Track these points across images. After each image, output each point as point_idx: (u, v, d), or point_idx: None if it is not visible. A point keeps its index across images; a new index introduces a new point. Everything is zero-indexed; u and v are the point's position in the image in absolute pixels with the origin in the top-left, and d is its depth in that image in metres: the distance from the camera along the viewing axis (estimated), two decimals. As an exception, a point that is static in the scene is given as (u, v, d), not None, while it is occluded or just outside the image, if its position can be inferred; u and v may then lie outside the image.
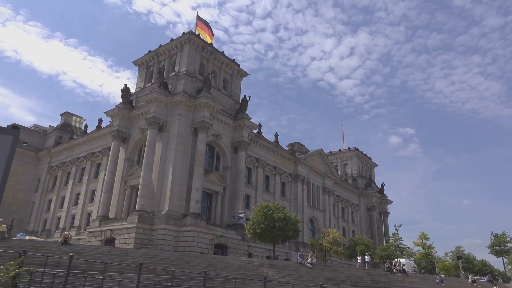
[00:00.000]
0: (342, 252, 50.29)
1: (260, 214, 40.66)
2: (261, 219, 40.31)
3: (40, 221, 76.47)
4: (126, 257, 20.96)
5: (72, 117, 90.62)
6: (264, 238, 41.02)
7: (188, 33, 61.70)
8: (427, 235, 55.85)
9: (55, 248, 21.32)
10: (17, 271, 8.99)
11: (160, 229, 48.65)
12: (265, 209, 41.15)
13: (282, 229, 39.63)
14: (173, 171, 52.13)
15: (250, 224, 41.87)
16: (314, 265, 31.03)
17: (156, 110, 54.58)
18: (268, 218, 39.80)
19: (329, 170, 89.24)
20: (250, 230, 41.81)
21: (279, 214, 40.23)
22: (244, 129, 61.67)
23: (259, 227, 40.07)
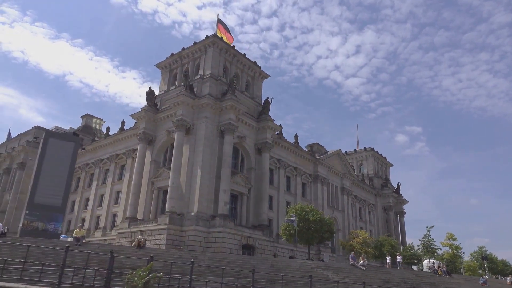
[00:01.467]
0: (372, 253, 50.79)
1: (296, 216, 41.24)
2: (297, 221, 40.93)
3: (64, 222, 77.58)
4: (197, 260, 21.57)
5: (93, 119, 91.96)
6: (300, 239, 41.65)
7: (212, 36, 62.48)
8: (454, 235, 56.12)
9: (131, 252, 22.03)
10: (150, 276, 9.64)
11: (190, 230, 49.49)
12: (299, 211, 41.75)
13: (318, 230, 40.29)
14: (201, 173, 52.95)
15: (285, 226, 42.48)
16: (366, 267, 31.67)
17: (183, 113, 55.43)
18: (303, 220, 40.46)
19: (347, 170, 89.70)
20: (285, 232, 42.46)
21: (315, 216, 40.88)
22: (267, 131, 62.33)
23: (294, 228, 40.69)
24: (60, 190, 30.94)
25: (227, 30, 69.83)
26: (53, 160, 30.64)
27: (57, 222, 31.44)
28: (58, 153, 31.03)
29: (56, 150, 31.04)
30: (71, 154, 32.42)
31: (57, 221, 31.44)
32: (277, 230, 63.68)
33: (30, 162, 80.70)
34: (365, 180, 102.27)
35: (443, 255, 57.92)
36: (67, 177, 32.21)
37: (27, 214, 29.92)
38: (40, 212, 30.30)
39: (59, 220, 31.92)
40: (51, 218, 30.65)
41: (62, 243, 23.67)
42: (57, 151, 31.08)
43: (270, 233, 57.93)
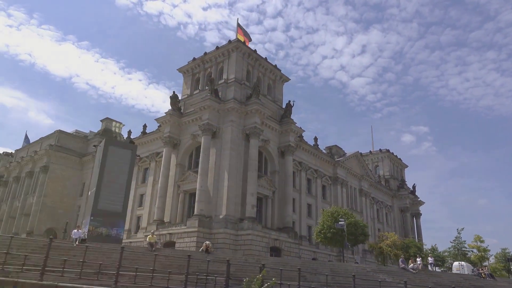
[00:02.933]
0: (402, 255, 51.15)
1: (330, 220, 41.88)
2: (331, 224, 41.53)
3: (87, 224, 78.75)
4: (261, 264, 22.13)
5: (112, 122, 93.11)
6: (335, 242, 42.24)
7: (235, 41, 63.29)
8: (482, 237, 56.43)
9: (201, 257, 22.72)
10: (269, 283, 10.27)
11: (220, 233, 50.21)
12: (334, 215, 42.33)
13: (352, 233, 40.83)
14: (228, 176, 53.71)
15: (319, 229, 43.05)
16: (416, 270, 32.17)
17: (209, 117, 56.25)
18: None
19: (365, 172, 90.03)
20: (319, 235, 43.03)
21: (349, 219, 41.43)
22: (290, 134, 62.99)
23: (330, 231, 41.28)
24: (120, 197, 31.82)
25: (245, 34, 70.66)
26: (112, 168, 31.56)
27: (119, 227, 32.30)
28: (117, 161, 31.94)
29: (115, 158, 31.95)
30: (129, 161, 33.34)
31: (119, 227, 32.30)
32: (299, 232, 64.35)
33: (53, 166, 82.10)
34: (382, 182, 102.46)
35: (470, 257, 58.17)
36: (126, 184, 33.13)
37: (92, 220, 30.83)
38: (103, 218, 31.20)
39: (121, 226, 32.79)
40: (113, 224, 31.53)
41: (139, 249, 24.42)
42: (116, 158, 32.00)
43: (295, 235, 58.54)
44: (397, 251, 49.45)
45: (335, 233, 40.93)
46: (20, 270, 13.72)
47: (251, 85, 62.76)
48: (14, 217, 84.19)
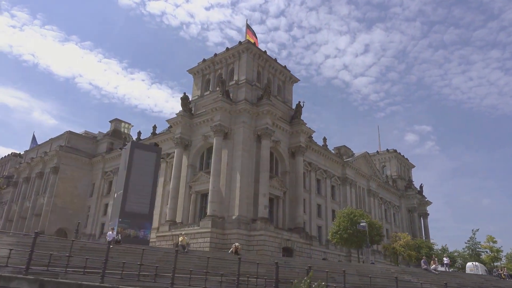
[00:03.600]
0: (415, 256, 51.40)
1: (346, 220, 42.16)
2: (347, 225, 41.79)
3: (97, 225, 79.47)
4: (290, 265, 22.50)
5: (121, 123, 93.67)
6: (350, 243, 42.51)
7: (245, 42, 63.62)
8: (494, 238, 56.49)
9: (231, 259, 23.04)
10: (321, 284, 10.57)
11: (233, 233, 50.55)
12: (350, 215, 42.59)
13: (368, 234, 41.08)
14: (240, 177, 54.04)
15: (335, 230, 43.33)
16: (439, 272, 32.40)
17: (221, 118, 56.58)
18: (354, 224, 41.29)
19: (373, 172, 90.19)
20: (335, 235, 43.31)
21: (366, 220, 41.67)
22: (301, 135, 63.27)
23: (346, 232, 41.56)
24: (146, 199, 32.24)
25: (254, 35, 70.98)
26: (138, 170, 32.00)
27: (146, 229, 32.72)
28: (143, 164, 32.39)
29: (141, 161, 32.39)
30: (154, 164, 33.75)
31: (146, 228, 32.71)
32: (310, 232, 64.62)
33: (63, 167, 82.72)
34: (389, 182, 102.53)
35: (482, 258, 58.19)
36: (152, 187, 33.56)
37: (120, 222, 31.22)
38: (131, 220, 31.61)
39: (148, 227, 33.22)
40: (140, 226, 31.93)
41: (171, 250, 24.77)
42: (142, 161, 32.45)
43: (307, 236, 58.84)
44: (410, 251, 49.68)
45: (351, 234, 41.22)
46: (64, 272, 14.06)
47: (262, 86, 63.11)
48: (24, 218, 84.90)
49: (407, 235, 53.00)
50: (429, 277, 27.50)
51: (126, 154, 34.13)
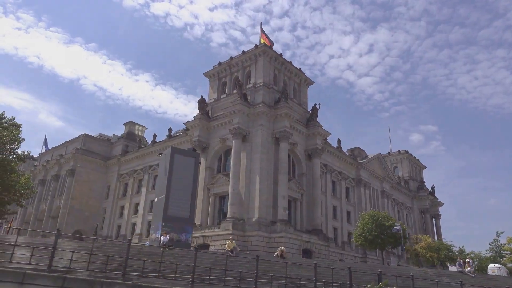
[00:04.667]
0: (437, 257, 51.59)
1: (370, 222, 42.47)
2: (371, 227, 42.10)
3: (113, 227, 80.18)
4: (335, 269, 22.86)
5: (135, 125, 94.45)
6: (375, 245, 42.82)
7: (262, 45, 64.09)
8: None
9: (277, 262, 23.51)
10: None
11: (253, 235, 50.98)
12: (374, 218, 42.90)
13: (393, 236, 41.38)
14: (259, 179, 54.48)
15: (359, 232, 43.64)
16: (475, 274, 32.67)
17: (240, 121, 57.11)
18: (379, 226, 41.61)
19: (387, 174, 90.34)
20: (360, 238, 43.63)
21: (390, 222, 42.00)
22: (317, 137, 63.64)
23: (371, 234, 41.89)
24: (186, 203, 32.78)
25: (267, 37, 71.41)
26: (179, 175, 32.57)
27: (187, 233, 33.25)
28: (182, 168, 32.96)
29: (180, 166, 32.98)
30: (193, 169, 34.31)
31: (187, 232, 33.24)
32: (326, 234, 64.90)
33: (79, 169, 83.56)
34: (401, 183, 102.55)
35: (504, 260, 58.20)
36: (192, 191, 34.12)
37: (163, 226, 31.77)
38: (173, 224, 32.16)
39: (189, 231, 33.75)
40: (182, 229, 32.47)
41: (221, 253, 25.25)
42: (182, 166, 33.03)
43: (325, 238, 59.19)
44: (432, 253, 49.87)
45: (376, 236, 41.56)
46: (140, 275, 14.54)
47: (278, 88, 63.61)
48: (41, 220, 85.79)
49: (428, 237, 53.16)
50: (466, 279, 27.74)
51: (166, 159, 34.69)
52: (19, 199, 38.72)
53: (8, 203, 37.91)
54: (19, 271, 11.21)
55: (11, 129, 36.64)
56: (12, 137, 35.73)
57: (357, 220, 76.14)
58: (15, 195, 36.98)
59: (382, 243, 42.33)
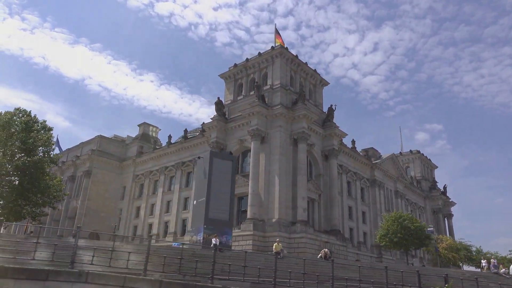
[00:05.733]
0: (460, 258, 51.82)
1: (395, 224, 42.83)
2: (396, 229, 42.47)
3: (129, 227, 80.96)
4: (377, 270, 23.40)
5: (149, 127, 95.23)
6: (400, 246, 43.19)
7: (278, 47, 64.55)
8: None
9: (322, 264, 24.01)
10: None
11: (274, 236, 51.27)
12: (399, 219, 43.25)
13: (418, 237, 41.74)
14: (279, 180, 54.94)
15: (383, 233, 44.01)
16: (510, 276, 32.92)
17: (258, 123, 57.62)
18: (404, 228, 41.97)
19: (400, 174, 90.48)
20: (384, 239, 44.00)
21: (415, 224, 42.36)
22: (334, 138, 64.01)
23: (396, 236, 42.27)
24: (226, 206, 33.38)
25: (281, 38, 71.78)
26: (218, 178, 33.18)
27: (228, 235, 33.86)
28: (221, 172, 33.57)
29: (219, 169, 33.59)
30: (230, 172, 34.92)
31: (227, 234, 33.86)
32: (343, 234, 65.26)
33: (95, 170, 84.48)
34: (414, 183, 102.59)
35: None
36: (230, 194, 34.73)
37: (205, 228, 32.36)
38: (214, 226, 32.75)
39: (229, 233, 34.37)
40: (222, 232, 33.09)
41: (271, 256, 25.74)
42: (220, 169, 33.65)
43: (343, 238, 59.57)
44: (453, 254, 50.11)
45: (401, 238, 41.95)
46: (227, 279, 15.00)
47: (295, 90, 64.03)
48: (57, 220, 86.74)
49: (448, 238, 53.40)
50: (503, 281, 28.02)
51: (205, 163, 35.27)
52: (52, 201, 39.50)
53: (43, 205, 38.73)
54: (120, 275, 11.74)
55: (44, 132, 37.40)
56: (46, 140, 36.53)
57: (372, 221, 76.68)
58: (48, 198, 37.77)
59: (406, 244, 42.73)
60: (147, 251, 16.45)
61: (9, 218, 33.78)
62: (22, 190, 32.91)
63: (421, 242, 42.34)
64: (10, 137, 33.88)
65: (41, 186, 34.89)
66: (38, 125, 37.14)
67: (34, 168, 33.69)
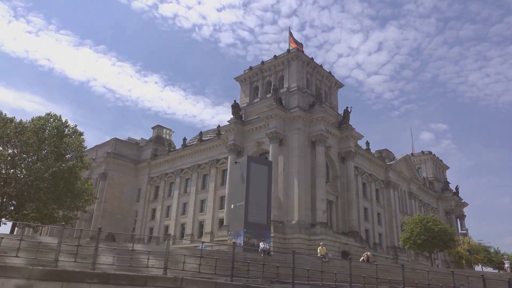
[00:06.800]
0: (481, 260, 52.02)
1: (420, 226, 43.14)
2: (421, 231, 42.79)
3: (145, 229, 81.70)
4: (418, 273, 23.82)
5: (163, 129, 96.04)
6: (424, 248, 43.48)
7: (294, 50, 65.08)
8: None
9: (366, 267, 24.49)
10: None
11: (294, 238, 51.83)
12: (423, 222, 43.55)
13: (442, 239, 42.04)
14: (298, 182, 55.36)
15: (406, 236, 44.32)
16: None
17: (276, 125, 58.09)
18: (428, 230, 42.29)
19: (414, 175, 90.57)
20: (409, 241, 44.31)
21: (439, 226, 42.65)
22: (351, 140, 64.35)
23: (420, 238, 42.59)
24: (263, 210, 33.98)
25: (295, 41, 72.24)
26: (255, 183, 33.78)
27: (266, 238, 34.40)
28: (258, 177, 34.19)
29: (256, 174, 34.22)
30: (267, 176, 35.47)
31: (266, 238, 34.40)
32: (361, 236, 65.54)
33: (111, 172, 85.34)
34: (426, 184, 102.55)
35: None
36: (267, 198, 35.28)
37: (245, 232, 32.96)
38: (253, 230, 33.34)
39: (268, 237, 34.92)
40: (261, 235, 33.65)
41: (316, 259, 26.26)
42: (257, 174, 34.25)
43: (361, 240, 59.86)
44: (476, 255, 50.31)
45: (425, 240, 42.28)
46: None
47: (311, 92, 64.49)
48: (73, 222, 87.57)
49: (468, 239, 53.56)
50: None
51: (242, 168, 35.86)
52: (84, 205, 40.21)
53: (77, 209, 39.45)
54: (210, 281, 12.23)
55: (76, 136, 38.11)
56: (78, 145, 37.24)
57: (387, 222, 76.85)
58: (80, 202, 38.46)
59: (431, 246, 43.03)
60: (200, 254, 16.96)
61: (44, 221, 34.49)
62: (58, 195, 33.61)
63: (445, 244, 42.64)
64: (43, 142, 34.65)
65: (76, 191, 35.62)
66: (69, 129, 37.94)
67: (68, 173, 34.44)
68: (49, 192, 32.55)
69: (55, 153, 35.01)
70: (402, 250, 74.80)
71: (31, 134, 34.13)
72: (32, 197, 32.01)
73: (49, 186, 32.46)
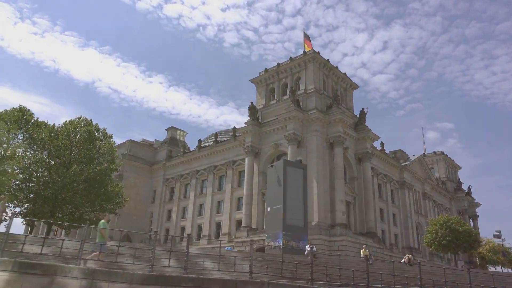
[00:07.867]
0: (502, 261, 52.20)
1: (444, 228, 43.43)
2: (445, 232, 43.08)
3: (161, 230, 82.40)
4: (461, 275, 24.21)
5: (177, 131, 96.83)
6: (448, 249, 43.76)
7: (311, 52, 65.49)
8: None
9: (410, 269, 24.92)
10: None
11: (315, 239, 51.96)
12: (448, 223, 43.84)
13: (467, 240, 42.33)
14: (317, 184, 55.76)
15: (431, 237, 44.62)
16: None
17: (295, 127, 58.55)
18: (452, 231, 42.57)
19: (427, 175, 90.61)
20: (433, 242, 44.60)
21: (463, 227, 42.93)
22: (367, 141, 64.65)
23: (445, 239, 42.88)
24: (300, 213, 34.56)
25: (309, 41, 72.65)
26: (292, 186, 34.41)
27: (304, 240, 35.00)
28: (294, 179, 34.81)
29: (292, 177, 34.84)
30: (302, 179, 36.06)
31: (304, 240, 35.00)
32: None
33: (127, 174, 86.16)
34: (439, 184, 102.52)
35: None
36: (303, 201, 35.87)
37: (284, 234, 33.58)
38: (292, 232, 33.97)
39: (305, 239, 35.49)
40: (299, 237, 34.27)
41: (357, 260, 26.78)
42: (293, 177, 34.89)
43: (379, 241, 60.16)
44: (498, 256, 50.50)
45: (450, 241, 42.58)
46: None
47: (328, 94, 64.87)
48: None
49: (490, 240, 53.74)
50: None
51: (279, 171, 36.44)
52: (115, 208, 40.90)
53: (109, 212, 40.15)
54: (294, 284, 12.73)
55: (106, 139, 38.83)
56: (109, 148, 37.96)
57: (402, 223, 77.02)
58: (111, 204, 39.17)
59: (455, 247, 43.31)
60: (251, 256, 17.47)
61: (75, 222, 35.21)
62: (92, 197, 34.34)
63: (470, 245, 42.93)
64: (75, 146, 35.40)
65: (108, 194, 36.35)
66: (99, 133, 38.65)
67: (101, 176, 35.18)
68: (84, 195, 33.24)
69: (87, 156, 35.75)
70: (417, 251, 75.14)
71: (64, 138, 34.89)
72: (68, 200, 32.74)
73: (84, 189, 33.14)
